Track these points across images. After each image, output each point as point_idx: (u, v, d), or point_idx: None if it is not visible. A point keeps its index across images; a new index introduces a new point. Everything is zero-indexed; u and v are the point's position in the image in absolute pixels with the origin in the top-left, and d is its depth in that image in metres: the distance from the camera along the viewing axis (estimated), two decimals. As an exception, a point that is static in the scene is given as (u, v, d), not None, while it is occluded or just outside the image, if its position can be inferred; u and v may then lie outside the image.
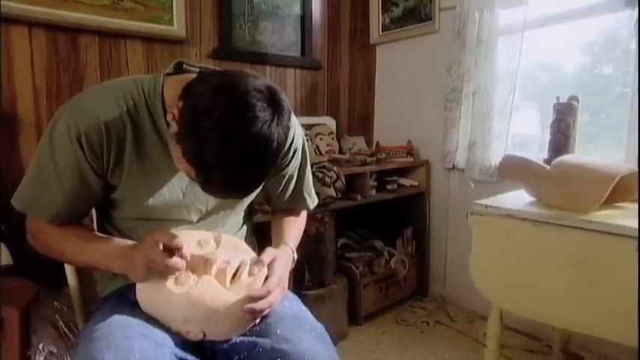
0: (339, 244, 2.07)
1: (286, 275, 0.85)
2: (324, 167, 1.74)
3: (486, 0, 1.91)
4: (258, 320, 0.78)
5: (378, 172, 2.10)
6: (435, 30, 2.20)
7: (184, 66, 0.82)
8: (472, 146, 1.97)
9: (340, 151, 2.30)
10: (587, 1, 1.70)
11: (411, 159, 2.23)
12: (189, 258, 0.72)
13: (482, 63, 1.95)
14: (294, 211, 1.04)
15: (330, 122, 2.37)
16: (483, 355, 1.26)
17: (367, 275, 2.02)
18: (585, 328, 1.06)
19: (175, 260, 0.69)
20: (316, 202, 1.07)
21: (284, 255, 0.87)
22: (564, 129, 1.66)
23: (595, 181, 1.03)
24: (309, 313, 0.87)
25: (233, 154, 0.64)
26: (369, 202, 2.01)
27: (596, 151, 1.84)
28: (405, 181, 2.23)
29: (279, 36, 2.16)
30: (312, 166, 1.76)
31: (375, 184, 2.08)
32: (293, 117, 0.92)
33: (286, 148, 0.91)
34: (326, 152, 2.16)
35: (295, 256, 0.93)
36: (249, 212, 1.05)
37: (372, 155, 2.08)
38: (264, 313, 0.76)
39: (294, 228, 1.00)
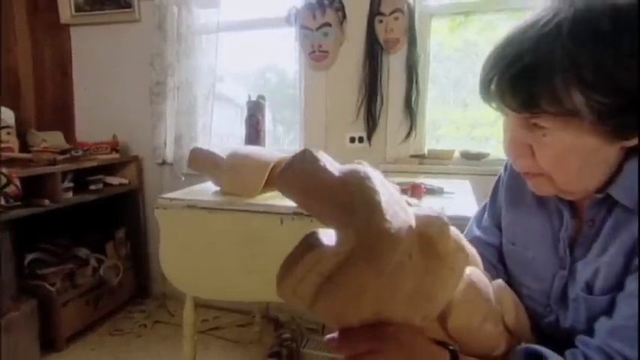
0: (26, 262, 1.72)
1: None
2: (-14, 170, 1.39)
3: (183, -3, 1.94)
4: None
5: (76, 172, 1.84)
6: (137, 19, 2.09)
7: None
8: (179, 140, 1.98)
9: (25, 149, 1.90)
10: (272, 14, 1.95)
11: (117, 155, 2.06)
12: None
13: (184, 58, 1.98)
14: None
15: (7, 114, 1.92)
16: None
17: (68, 290, 1.76)
18: (258, 297, 1.23)
19: None
20: None
21: None
22: (255, 124, 1.88)
23: (255, 169, 1.19)
24: None
25: None
26: (64, 206, 1.74)
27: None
28: (114, 180, 2.05)
29: None
30: (-35, 168, 1.40)
31: (72, 185, 1.81)
32: None
33: None
34: (-1, 151, 1.73)
35: None
36: None
37: (63, 153, 1.80)
38: None
39: None
